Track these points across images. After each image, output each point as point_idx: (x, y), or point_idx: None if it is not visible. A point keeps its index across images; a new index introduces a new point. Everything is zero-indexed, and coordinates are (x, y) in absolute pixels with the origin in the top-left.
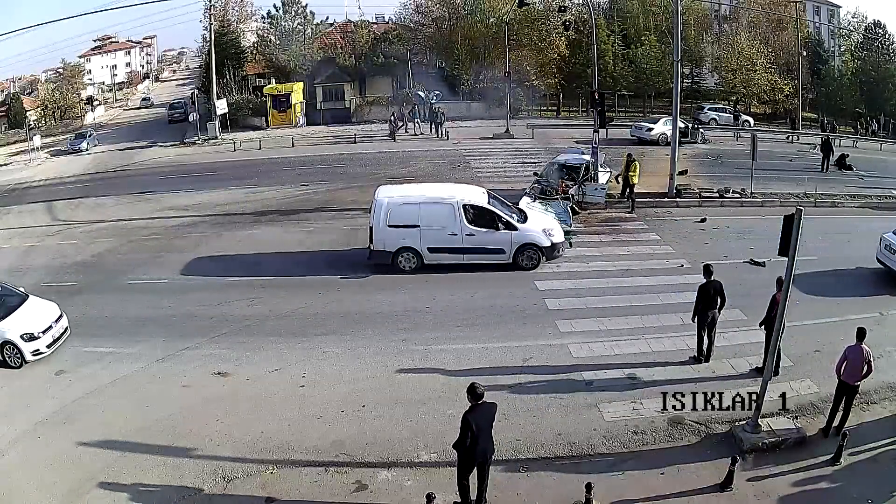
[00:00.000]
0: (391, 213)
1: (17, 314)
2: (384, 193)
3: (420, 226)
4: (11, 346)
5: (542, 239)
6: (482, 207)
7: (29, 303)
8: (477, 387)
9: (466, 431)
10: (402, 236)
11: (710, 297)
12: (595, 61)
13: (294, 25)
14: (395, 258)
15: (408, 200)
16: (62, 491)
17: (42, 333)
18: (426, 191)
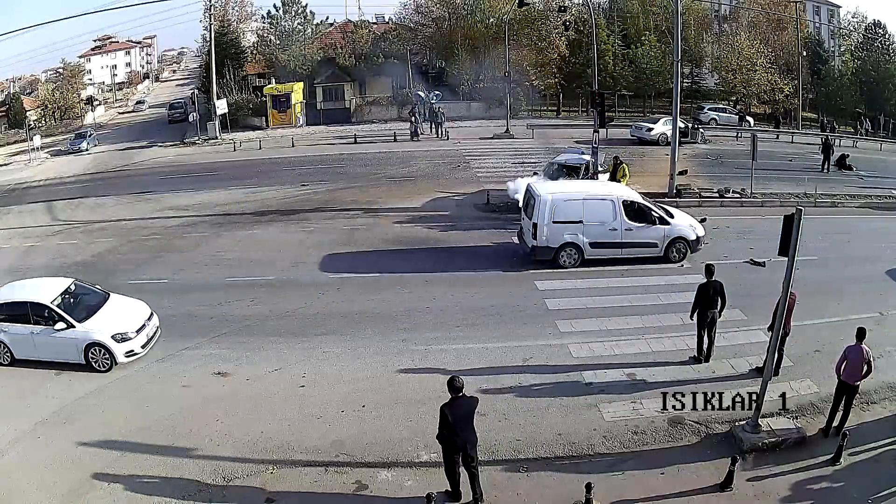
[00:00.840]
0: (556, 209)
1: (101, 313)
2: (545, 190)
3: (583, 222)
4: (99, 349)
5: (690, 233)
6: (639, 203)
7: (112, 301)
8: (455, 380)
9: (442, 422)
10: (565, 232)
11: (710, 297)
12: (595, 61)
13: (294, 25)
14: (557, 254)
15: (572, 197)
16: (62, 491)
17: (136, 333)
18: (583, 187)
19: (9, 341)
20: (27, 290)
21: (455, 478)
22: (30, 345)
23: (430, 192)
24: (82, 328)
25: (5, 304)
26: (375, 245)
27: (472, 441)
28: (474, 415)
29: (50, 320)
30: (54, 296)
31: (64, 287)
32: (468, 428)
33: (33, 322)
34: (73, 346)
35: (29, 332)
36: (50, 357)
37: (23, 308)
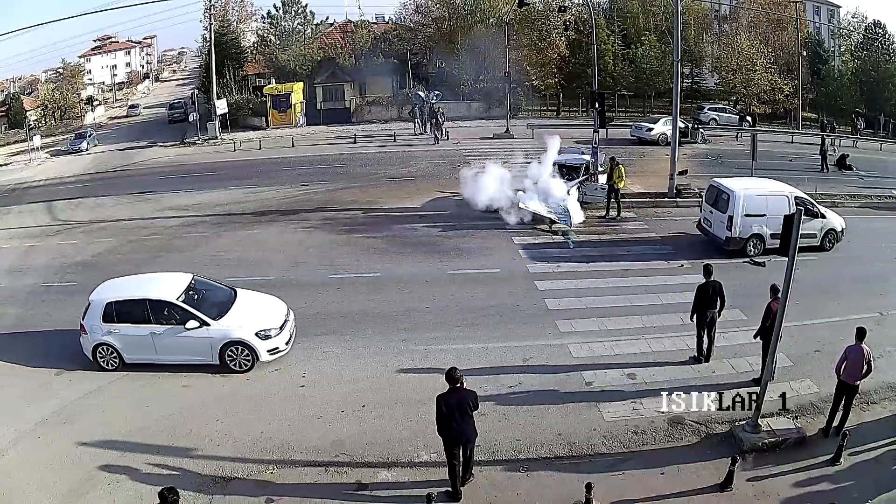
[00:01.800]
0: (747, 204)
1: (236, 310)
2: (738, 186)
3: (766, 215)
4: (240, 347)
5: (838, 225)
6: (804, 199)
7: (244, 296)
8: (453, 372)
9: (437, 412)
10: (753, 224)
11: (709, 297)
12: (595, 61)
13: (294, 25)
14: (745, 244)
15: (758, 193)
16: (62, 491)
17: (279, 330)
18: (763, 184)
19: (119, 344)
20: (143, 287)
21: (455, 477)
22: (147, 347)
23: (430, 192)
24: (218, 326)
25: (115, 302)
26: (375, 245)
27: (470, 434)
28: (470, 408)
29: (174, 319)
30: (179, 292)
31: (186, 282)
32: (464, 419)
33: (154, 321)
34: (206, 346)
35: (148, 333)
36: (173, 359)
37: (139, 306)
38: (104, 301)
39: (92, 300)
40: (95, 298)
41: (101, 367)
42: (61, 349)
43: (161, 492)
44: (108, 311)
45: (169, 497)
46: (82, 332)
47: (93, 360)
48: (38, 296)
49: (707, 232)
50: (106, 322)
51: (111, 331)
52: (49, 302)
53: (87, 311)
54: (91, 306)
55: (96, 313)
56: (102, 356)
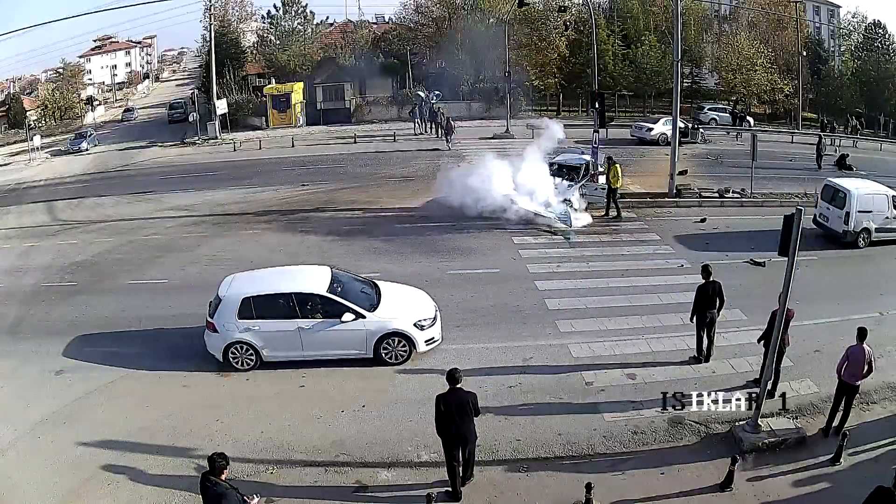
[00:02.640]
0: (860, 201)
1: (388, 301)
2: (852, 186)
3: (872, 211)
4: (397, 339)
5: None
6: None
7: (388, 287)
8: (454, 372)
9: (436, 412)
10: (864, 220)
11: (709, 298)
12: (595, 61)
13: (294, 25)
14: (857, 237)
15: (867, 192)
16: (62, 491)
17: (432, 321)
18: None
19: (259, 341)
20: (284, 280)
21: (455, 477)
22: (293, 342)
23: (429, 192)
24: (376, 318)
25: (255, 297)
26: (375, 245)
27: (469, 436)
28: (471, 410)
29: (324, 312)
30: (327, 284)
31: (329, 274)
32: (463, 420)
33: (301, 316)
34: (360, 339)
35: (295, 328)
36: (321, 354)
37: (284, 300)
38: (240, 297)
39: (224, 296)
40: (228, 294)
41: (234, 367)
42: (60, 349)
43: (211, 456)
44: (246, 307)
45: (218, 461)
46: (211, 330)
47: (223, 361)
48: (38, 296)
49: (823, 226)
50: (242, 319)
51: (249, 328)
52: (49, 302)
53: (217, 309)
54: (223, 303)
55: (230, 310)
56: (236, 356)
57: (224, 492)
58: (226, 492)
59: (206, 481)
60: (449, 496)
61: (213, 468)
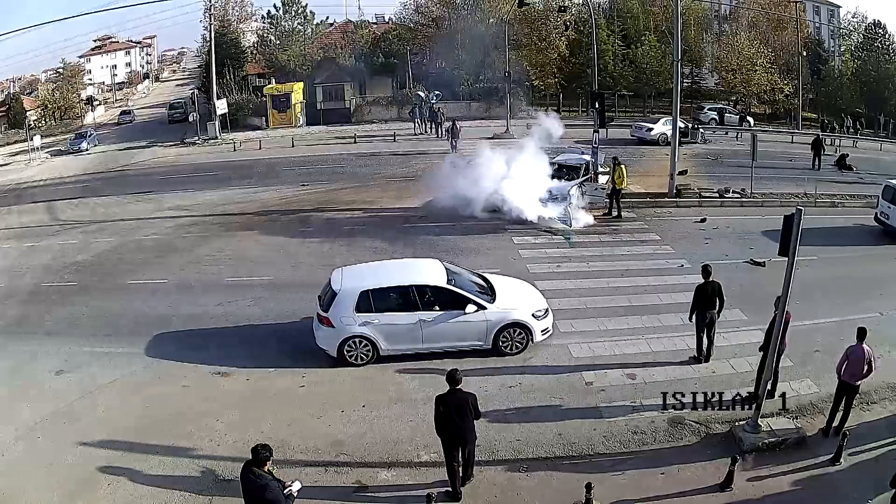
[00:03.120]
0: None
1: (503, 292)
2: None
3: None
4: (516, 329)
5: None
6: None
7: (498, 280)
8: (454, 373)
9: (435, 412)
10: None
11: (708, 298)
12: (595, 61)
13: (294, 25)
14: None
15: None
16: (62, 491)
17: (545, 311)
18: None
19: (378, 335)
20: (402, 273)
21: (455, 477)
22: (413, 335)
23: (430, 192)
24: (496, 309)
25: (373, 290)
26: (375, 245)
27: (468, 436)
28: (470, 411)
29: (444, 304)
30: (445, 276)
31: (443, 267)
32: (462, 420)
33: (422, 308)
34: (481, 330)
35: (416, 321)
36: (439, 346)
37: (404, 293)
38: (358, 290)
39: (340, 290)
40: (345, 287)
41: (348, 362)
42: (55, 350)
43: (255, 448)
44: (364, 300)
45: (262, 453)
46: (325, 325)
47: (336, 357)
48: (38, 295)
49: (885, 223)
50: (360, 312)
51: (368, 321)
52: (49, 302)
53: (332, 303)
54: (339, 297)
55: (347, 304)
56: (352, 350)
57: (267, 483)
58: (269, 482)
59: (248, 472)
60: (449, 496)
61: (257, 459)
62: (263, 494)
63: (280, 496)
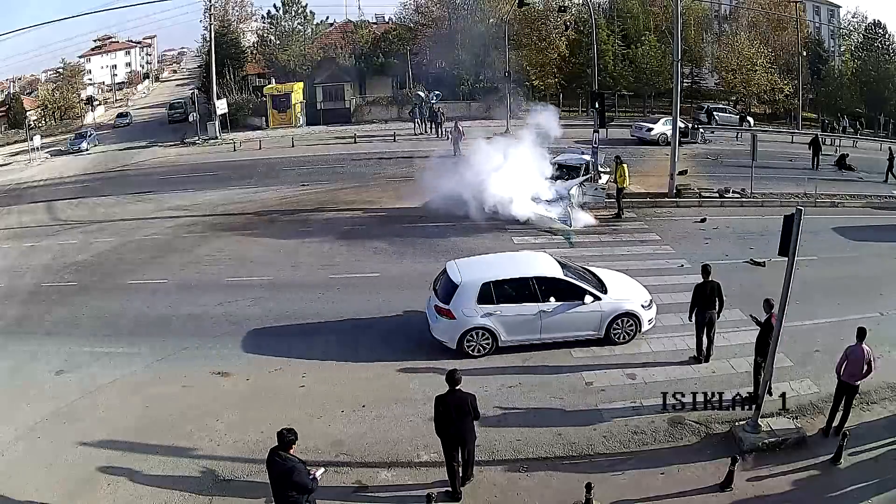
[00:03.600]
0: None
1: (612, 284)
2: None
3: None
4: (627, 318)
5: None
6: None
7: (603, 273)
8: (453, 373)
9: (434, 413)
10: None
11: (707, 297)
12: (595, 61)
13: (294, 25)
14: None
15: None
16: (62, 491)
17: (650, 302)
18: None
19: (499, 326)
20: (519, 265)
21: (455, 477)
22: (532, 326)
23: (429, 192)
24: (610, 300)
25: (494, 282)
26: (375, 245)
27: (468, 437)
28: (470, 411)
29: (562, 295)
30: (560, 268)
31: (554, 259)
32: (461, 421)
33: (541, 299)
34: (596, 320)
35: (536, 312)
36: (556, 337)
37: (525, 285)
38: (479, 282)
39: (462, 282)
40: (467, 280)
41: (467, 354)
42: (57, 350)
43: (280, 431)
44: (485, 292)
45: (287, 436)
46: (447, 317)
47: (455, 349)
48: (38, 295)
49: None
50: (482, 304)
51: (489, 313)
52: (49, 302)
53: (454, 295)
54: (461, 289)
55: (469, 296)
56: (472, 342)
57: (294, 465)
58: (296, 465)
59: (274, 456)
60: (449, 496)
61: (283, 443)
62: (291, 477)
63: (307, 478)
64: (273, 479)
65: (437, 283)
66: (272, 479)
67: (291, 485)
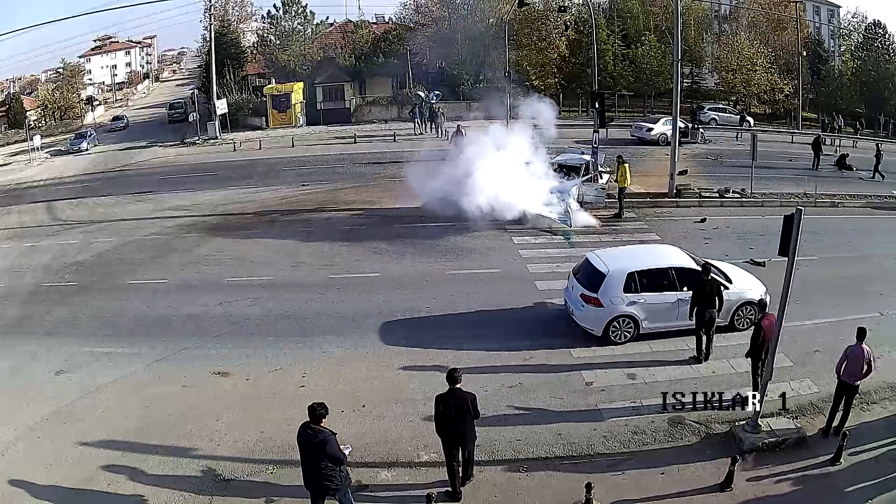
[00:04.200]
0: None
1: (734, 275)
2: None
3: None
4: (749, 307)
5: None
6: None
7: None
8: (453, 372)
9: (435, 412)
10: None
11: (707, 296)
12: (595, 61)
13: (294, 25)
14: None
15: None
16: (62, 491)
17: (766, 291)
18: None
19: (642, 314)
20: (655, 256)
21: (455, 477)
22: (671, 313)
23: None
24: (737, 289)
25: (639, 272)
26: (375, 245)
27: (468, 436)
28: (470, 411)
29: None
30: (692, 259)
31: (682, 250)
32: (462, 420)
33: (679, 288)
34: (724, 309)
35: (675, 300)
36: (689, 323)
37: (665, 275)
38: (625, 272)
39: (609, 272)
40: (613, 269)
41: (612, 341)
42: (56, 349)
43: (311, 405)
44: (630, 281)
45: (318, 410)
46: (595, 305)
47: (601, 336)
48: (38, 295)
49: None
50: (627, 293)
51: (635, 301)
52: (49, 301)
53: (602, 284)
54: (608, 278)
55: (616, 285)
56: (616, 329)
57: (327, 437)
58: (328, 437)
59: (306, 430)
60: (449, 496)
61: (314, 416)
62: (325, 448)
63: (339, 450)
64: (306, 452)
65: (579, 273)
66: (305, 453)
67: (326, 456)
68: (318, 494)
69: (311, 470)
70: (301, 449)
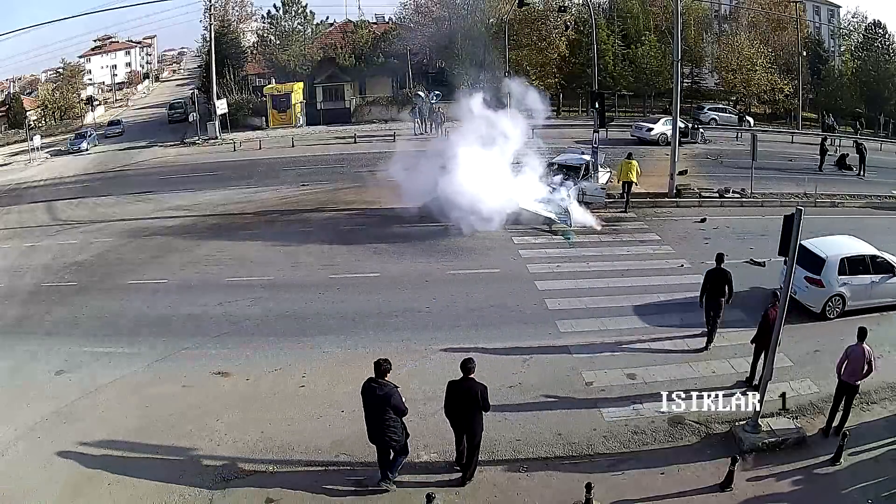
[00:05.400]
0: None
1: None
2: None
3: None
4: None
5: None
6: None
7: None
8: (467, 362)
9: (445, 395)
10: None
11: (717, 284)
12: (595, 61)
13: (294, 25)
14: None
15: None
16: (62, 491)
17: None
18: None
19: (849, 293)
20: (851, 244)
21: (461, 455)
22: (867, 293)
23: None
24: None
25: (847, 258)
26: (375, 245)
27: (475, 427)
28: (478, 400)
29: (876, 269)
30: (875, 249)
31: (859, 239)
32: (468, 409)
33: (872, 272)
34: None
35: (870, 282)
36: (876, 303)
37: (862, 260)
38: (839, 257)
39: (828, 257)
40: (830, 255)
41: (825, 316)
42: (56, 349)
43: (377, 361)
44: (842, 266)
45: (384, 365)
46: (816, 286)
47: (819, 311)
48: (38, 295)
49: None
50: (840, 275)
51: (845, 282)
52: (49, 301)
53: (823, 268)
54: (828, 263)
55: (833, 268)
56: (831, 306)
57: (390, 391)
58: (392, 390)
59: (370, 384)
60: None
61: (379, 371)
62: (390, 400)
63: (403, 402)
64: (371, 405)
65: (802, 259)
66: (369, 406)
67: (391, 408)
68: (382, 449)
69: (375, 423)
70: (365, 403)
